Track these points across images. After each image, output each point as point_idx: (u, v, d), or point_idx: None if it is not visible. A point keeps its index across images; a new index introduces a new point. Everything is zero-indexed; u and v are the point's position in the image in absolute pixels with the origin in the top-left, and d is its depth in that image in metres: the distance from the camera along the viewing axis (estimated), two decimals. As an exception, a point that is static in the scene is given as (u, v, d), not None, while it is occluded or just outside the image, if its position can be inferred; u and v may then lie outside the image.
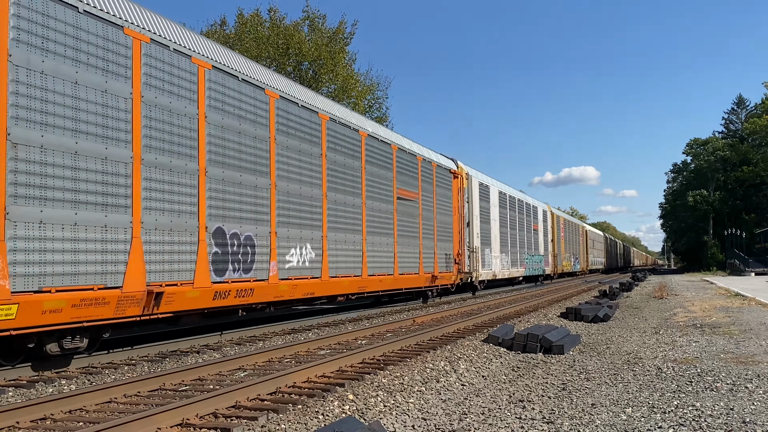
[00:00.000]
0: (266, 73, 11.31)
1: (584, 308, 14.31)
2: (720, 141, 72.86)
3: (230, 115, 9.95)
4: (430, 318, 13.89)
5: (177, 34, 9.07)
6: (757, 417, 5.47)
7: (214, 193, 9.45)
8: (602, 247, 63.23)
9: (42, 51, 6.98)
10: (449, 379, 7.33)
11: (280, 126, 11.17)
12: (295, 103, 11.68)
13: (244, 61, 10.74)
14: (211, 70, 9.58)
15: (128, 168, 8.02)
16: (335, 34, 34.35)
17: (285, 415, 5.48)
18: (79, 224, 7.27)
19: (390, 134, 16.58)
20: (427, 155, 18.39)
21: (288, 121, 11.43)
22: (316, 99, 12.79)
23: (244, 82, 10.34)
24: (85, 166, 7.42)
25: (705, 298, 21.00)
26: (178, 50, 8.95)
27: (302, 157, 11.77)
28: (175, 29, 9.11)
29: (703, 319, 13.67)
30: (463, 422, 5.48)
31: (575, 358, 8.96)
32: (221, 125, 9.73)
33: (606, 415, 5.68)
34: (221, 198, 9.59)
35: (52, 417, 5.45)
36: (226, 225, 9.63)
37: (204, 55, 9.50)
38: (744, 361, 8.33)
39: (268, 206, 10.72)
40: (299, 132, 11.76)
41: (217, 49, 10.07)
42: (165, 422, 5.05)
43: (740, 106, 78.98)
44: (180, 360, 8.72)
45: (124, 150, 7.96)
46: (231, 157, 9.87)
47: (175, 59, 8.89)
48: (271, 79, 11.30)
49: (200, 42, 9.69)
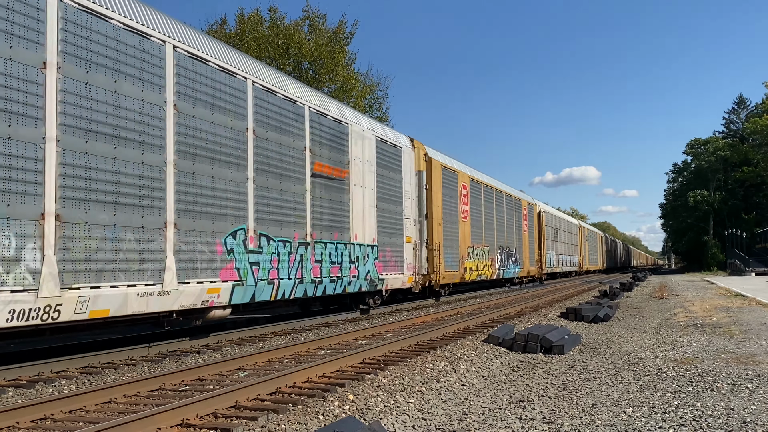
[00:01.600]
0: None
1: (584, 308, 14.30)
2: (720, 141, 72.82)
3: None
4: (430, 318, 13.89)
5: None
6: (757, 417, 5.47)
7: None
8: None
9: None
10: (449, 379, 7.32)
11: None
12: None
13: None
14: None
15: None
16: (335, 34, 34.36)
17: (285, 415, 5.48)
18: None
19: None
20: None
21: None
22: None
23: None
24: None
25: (705, 298, 20.99)
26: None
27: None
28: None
29: (704, 319, 13.66)
30: (464, 422, 5.47)
31: (576, 358, 8.95)
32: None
33: (606, 415, 5.68)
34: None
35: (52, 417, 5.45)
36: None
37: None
38: (744, 361, 8.32)
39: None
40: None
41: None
42: (165, 422, 5.04)
43: (741, 106, 78.98)
44: (180, 360, 8.72)
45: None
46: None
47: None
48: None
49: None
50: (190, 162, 9.23)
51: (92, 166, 7.71)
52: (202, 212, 9.38)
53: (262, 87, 11.02)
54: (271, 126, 11.17)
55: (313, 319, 13.57)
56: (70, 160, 7.43)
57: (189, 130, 9.29)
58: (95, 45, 7.85)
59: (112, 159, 7.99)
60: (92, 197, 7.68)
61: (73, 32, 7.56)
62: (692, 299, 20.34)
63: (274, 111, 11.35)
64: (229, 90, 10.22)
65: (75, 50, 7.57)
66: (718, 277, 44.90)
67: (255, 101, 10.82)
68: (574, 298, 21.43)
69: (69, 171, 7.39)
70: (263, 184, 10.86)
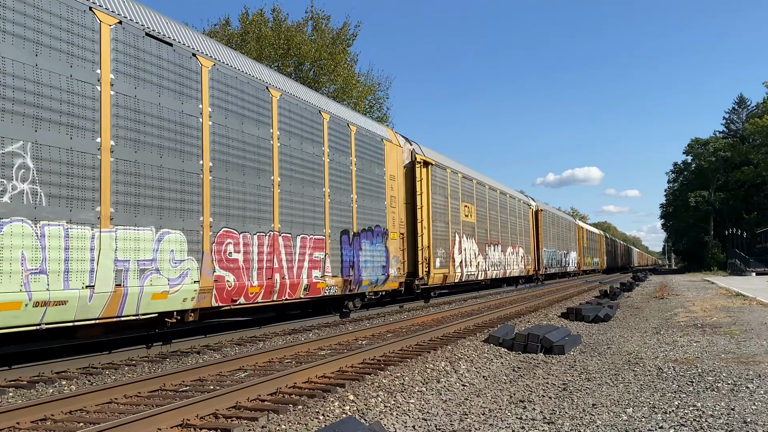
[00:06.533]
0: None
1: (585, 308, 14.29)
2: (721, 141, 72.80)
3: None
4: (430, 318, 13.89)
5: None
6: (758, 417, 5.46)
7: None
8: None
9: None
10: (450, 379, 7.32)
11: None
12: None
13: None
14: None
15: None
16: (338, 35, 34.36)
17: (285, 415, 5.48)
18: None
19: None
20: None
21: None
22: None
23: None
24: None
25: (706, 298, 20.98)
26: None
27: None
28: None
29: (704, 319, 13.65)
30: (464, 422, 5.47)
31: (576, 358, 8.95)
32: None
33: (607, 415, 5.68)
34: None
35: (52, 417, 5.45)
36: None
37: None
38: (745, 361, 8.31)
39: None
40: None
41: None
42: (165, 423, 5.04)
43: (741, 106, 79.02)
44: (180, 360, 8.72)
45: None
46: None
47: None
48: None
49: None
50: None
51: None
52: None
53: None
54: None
55: (314, 320, 13.56)
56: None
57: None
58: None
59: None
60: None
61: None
62: (693, 299, 20.33)
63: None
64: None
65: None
66: (719, 277, 44.88)
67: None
68: (575, 298, 21.42)
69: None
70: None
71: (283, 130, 11.36)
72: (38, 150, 6.88)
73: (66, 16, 7.33)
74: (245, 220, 10.14)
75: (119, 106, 7.98)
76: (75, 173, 7.29)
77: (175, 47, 9.00)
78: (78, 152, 7.33)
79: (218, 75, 9.81)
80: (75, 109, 7.34)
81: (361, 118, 15.40)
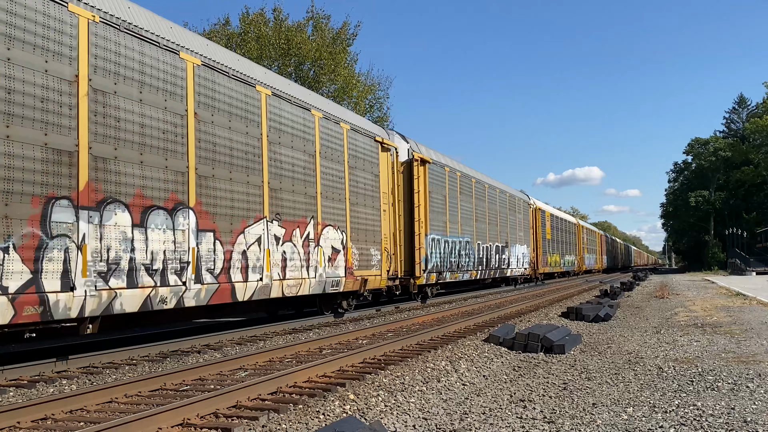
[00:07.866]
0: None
1: (585, 308, 14.29)
2: (721, 140, 72.78)
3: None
4: (430, 318, 13.89)
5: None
6: (758, 416, 5.47)
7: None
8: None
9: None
10: (450, 378, 7.32)
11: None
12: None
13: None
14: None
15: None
16: (338, 35, 34.35)
17: (286, 414, 5.48)
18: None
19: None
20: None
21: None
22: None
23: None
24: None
25: (706, 297, 20.98)
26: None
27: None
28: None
29: (705, 319, 13.65)
30: (464, 422, 5.47)
31: (576, 357, 8.96)
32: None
33: (607, 414, 5.68)
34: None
35: (52, 417, 5.45)
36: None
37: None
38: (745, 360, 8.32)
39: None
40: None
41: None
42: (166, 422, 5.05)
43: (741, 106, 78.95)
44: (181, 360, 8.72)
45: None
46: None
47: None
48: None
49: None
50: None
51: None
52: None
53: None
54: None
55: (314, 319, 13.56)
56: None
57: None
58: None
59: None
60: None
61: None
62: (693, 299, 20.33)
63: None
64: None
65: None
66: (719, 276, 44.87)
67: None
68: (575, 297, 21.41)
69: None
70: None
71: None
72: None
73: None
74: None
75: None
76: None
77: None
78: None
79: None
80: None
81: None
